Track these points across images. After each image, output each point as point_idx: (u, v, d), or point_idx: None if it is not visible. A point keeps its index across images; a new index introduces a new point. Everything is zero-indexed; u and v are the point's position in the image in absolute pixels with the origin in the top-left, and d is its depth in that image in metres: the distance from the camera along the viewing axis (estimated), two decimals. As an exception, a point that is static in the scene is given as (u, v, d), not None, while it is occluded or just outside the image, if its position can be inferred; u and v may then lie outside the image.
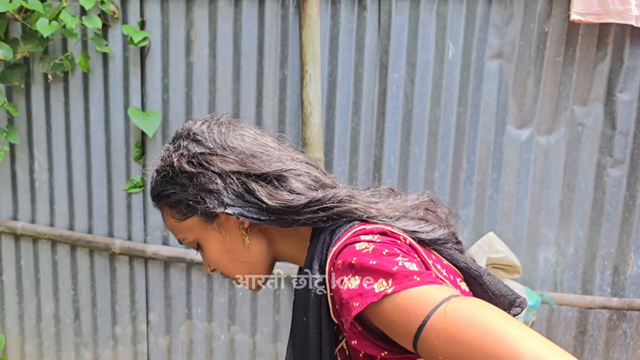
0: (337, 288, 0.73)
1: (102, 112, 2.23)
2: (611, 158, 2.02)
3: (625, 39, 1.95)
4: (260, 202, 0.83)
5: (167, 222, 0.91)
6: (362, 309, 0.68)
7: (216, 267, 0.91)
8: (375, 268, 0.70)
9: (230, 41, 2.12)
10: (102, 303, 2.36)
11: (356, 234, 0.77)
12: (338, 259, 0.75)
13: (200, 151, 0.85)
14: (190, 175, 0.85)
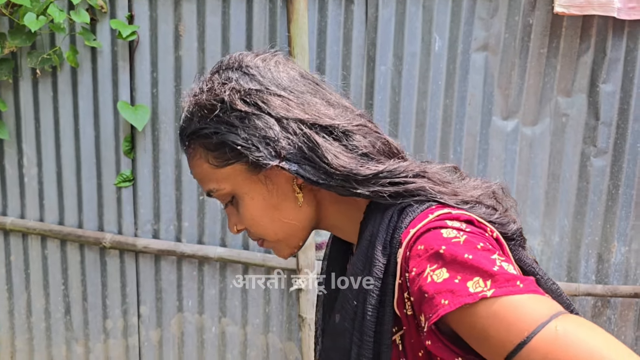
0: (414, 277, 0.64)
1: (91, 106, 2.24)
2: (595, 148, 2.06)
3: (607, 31, 1.99)
4: (324, 161, 0.71)
5: (197, 167, 0.76)
6: (452, 309, 0.59)
7: (250, 225, 0.78)
8: (471, 264, 0.61)
9: (218, 35, 2.13)
10: (93, 297, 2.37)
11: (440, 218, 0.68)
12: (418, 244, 0.65)
13: (256, 88, 0.72)
14: (243, 115, 0.72)
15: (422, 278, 0.62)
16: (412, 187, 0.71)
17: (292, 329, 2.26)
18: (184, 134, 0.77)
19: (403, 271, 0.66)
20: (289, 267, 2.16)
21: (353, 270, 0.73)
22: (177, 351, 2.36)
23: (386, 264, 0.69)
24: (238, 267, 2.24)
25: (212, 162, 0.74)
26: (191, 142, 0.75)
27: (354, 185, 0.71)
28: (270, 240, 0.79)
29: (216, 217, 2.23)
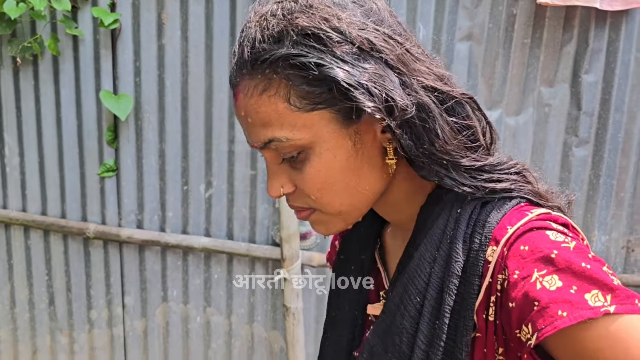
0: (517, 280, 0.56)
1: (73, 95, 2.21)
2: (577, 138, 2.07)
3: (590, 22, 1.99)
4: (431, 134, 0.61)
5: (264, 106, 0.60)
6: (572, 323, 0.52)
7: (316, 189, 0.63)
8: (589, 274, 0.53)
9: (202, 24, 2.11)
10: (77, 288, 2.36)
11: (542, 218, 0.60)
12: (520, 243, 0.58)
13: (375, 27, 0.60)
14: (357, 53, 0.58)
15: (529, 283, 0.55)
16: (508, 187, 0.63)
17: (276, 318, 2.27)
18: (258, 58, 0.59)
19: (497, 272, 0.58)
20: (273, 257, 2.16)
21: (417, 262, 0.64)
22: (162, 341, 2.36)
23: (465, 260, 0.61)
24: (222, 257, 2.24)
25: (295, 102, 0.59)
26: (269, 71, 0.59)
27: (449, 172, 0.63)
28: (328, 212, 0.65)
29: (200, 207, 2.22)
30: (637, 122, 2.03)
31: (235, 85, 0.63)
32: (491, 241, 0.60)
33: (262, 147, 0.63)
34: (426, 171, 0.63)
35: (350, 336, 0.77)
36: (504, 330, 0.59)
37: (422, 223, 0.67)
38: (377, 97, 0.58)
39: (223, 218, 2.22)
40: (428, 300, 0.62)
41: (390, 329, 0.65)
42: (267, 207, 2.18)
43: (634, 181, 2.08)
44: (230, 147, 2.16)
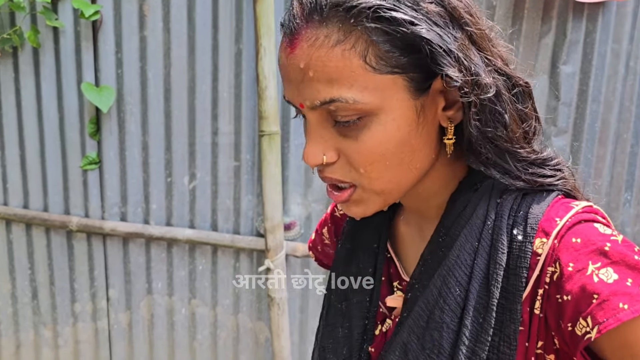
0: (572, 273, 0.55)
1: (54, 88, 2.20)
2: (555, 128, 2.11)
3: (568, 13, 2.03)
4: (498, 120, 0.59)
5: (335, 60, 0.55)
6: (635, 316, 0.51)
7: (370, 160, 0.59)
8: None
9: (184, 15, 2.10)
10: (60, 281, 2.35)
11: (587, 211, 0.60)
12: (571, 235, 0.57)
13: (443, 6, 0.57)
14: (448, 21, 0.57)
15: (586, 276, 0.54)
16: (554, 182, 0.63)
17: (261, 308, 2.28)
18: (341, 4, 0.54)
19: (547, 264, 0.57)
20: (258, 247, 2.18)
21: (457, 254, 0.62)
22: (147, 333, 2.36)
23: (508, 252, 0.60)
24: (207, 248, 2.25)
25: (371, 61, 0.55)
26: (351, 21, 0.54)
27: (506, 161, 0.61)
28: (372, 189, 0.61)
29: (184, 199, 2.23)
30: (613, 112, 2.08)
31: (295, 32, 0.57)
32: (538, 233, 0.59)
33: (318, 106, 0.57)
34: (480, 157, 0.61)
35: (362, 329, 0.73)
36: (547, 324, 0.59)
37: (454, 212, 0.65)
38: (465, 68, 0.56)
39: (207, 210, 2.23)
40: (472, 293, 0.60)
41: (428, 325, 0.61)
42: (251, 198, 2.19)
43: (610, 170, 2.13)
44: (214, 139, 2.16)
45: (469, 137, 0.61)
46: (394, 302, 0.72)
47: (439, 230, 0.66)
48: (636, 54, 2.04)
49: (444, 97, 0.60)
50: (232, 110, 2.14)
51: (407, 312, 0.66)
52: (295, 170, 2.16)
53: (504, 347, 0.58)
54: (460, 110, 0.61)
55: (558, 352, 0.59)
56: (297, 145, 2.14)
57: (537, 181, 0.62)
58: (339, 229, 0.90)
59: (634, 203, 2.15)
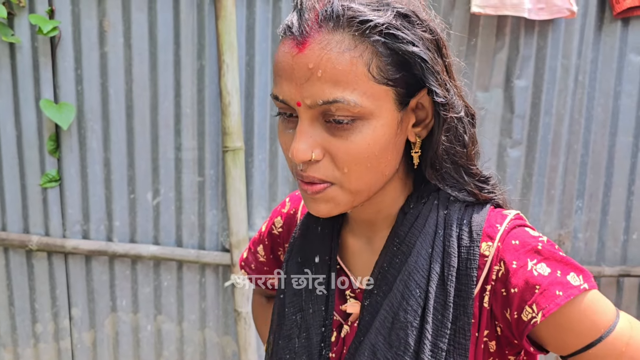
0: (517, 269, 0.65)
1: (12, 104, 2.15)
2: (510, 139, 2.19)
3: (520, 30, 2.12)
4: (459, 139, 0.69)
5: (344, 65, 0.61)
6: (567, 300, 0.62)
7: (357, 159, 0.65)
8: (566, 260, 0.65)
9: (145, 31, 2.10)
10: (20, 301, 2.30)
11: (518, 218, 0.71)
12: (511, 239, 0.67)
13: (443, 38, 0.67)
14: (437, 49, 0.66)
15: (527, 271, 0.64)
16: (493, 197, 0.72)
17: (228, 323, 2.29)
18: (356, 17, 0.61)
19: (493, 264, 0.67)
20: (223, 262, 2.18)
21: (415, 260, 0.69)
22: (112, 351, 2.33)
23: (457, 255, 0.68)
24: (172, 264, 2.24)
25: (373, 70, 0.62)
26: (362, 33, 0.61)
27: (462, 176, 0.71)
28: (349, 189, 0.67)
29: (148, 216, 2.21)
30: (564, 123, 2.17)
31: (306, 34, 0.62)
32: (483, 237, 0.68)
33: (319, 105, 0.62)
34: (439, 171, 0.70)
35: (320, 337, 0.77)
36: (492, 315, 0.68)
37: (406, 223, 0.72)
38: (445, 90, 0.65)
39: (172, 225, 2.22)
40: (430, 293, 0.68)
41: (394, 325, 0.68)
42: (215, 213, 2.20)
43: (563, 179, 2.22)
44: (177, 155, 2.16)
45: (433, 152, 0.69)
46: (352, 308, 0.77)
47: (393, 240, 0.72)
48: (584, 69, 2.14)
49: (415, 115, 0.69)
50: (195, 126, 2.14)
51: (369, 316, 0.72)
52: (260, 185, 2.17)
53: (459, 337, 0.67)
54: (425, 128, 0.70)
55: (499, 338, 0.69)
56: (260, 160, 2.16)
57: (481, 194, 0.72)
58: (277, 246, 0.95)
59: (585, 210, 2.25)
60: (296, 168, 0.67)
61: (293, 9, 0.66)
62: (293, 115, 0.67)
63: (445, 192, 0.72)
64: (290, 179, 2.18)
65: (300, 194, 0.93)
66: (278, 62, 0.66)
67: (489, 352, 0.70)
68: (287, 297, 0.82)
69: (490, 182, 0.74)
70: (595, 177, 2.23)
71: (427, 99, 0.67)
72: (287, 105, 0.65)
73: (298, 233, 0.84)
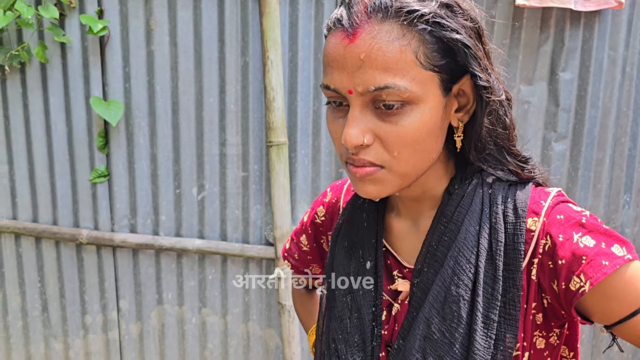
0: (563, 242, 0.68)
1: (62, 102, 2.22)
2: (555, 133, 2.17)
3: (565, 22, 2.09)
4: (502, 122, 0.72)
5: (394, 53, 0.64)
6: (614, 269, 0.65)
7: (405, 143, 0.67)
8: (610, 233, 0.68)
9: (190, 29, 2.14)
10: (71, 293, 2.37)
11: (561, 194, 0.74)
12: (556, 213, 0.70)
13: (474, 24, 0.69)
14: (477, 34, 0.69)
15: (573, 243, 0.67)
16: (534, 176, 0.75)
17: (271, 316, 2.32)
18: (404, 8, 0.65)
19: (540, 238, 0.69)
20: (267, 256, 2.21)
21: (464, 236, 0.72)
22: (158, 343, 2.39)
23: (504, 231, 0.71)
24: (217, 258, 2.28)
25: (421, 57, 0.65)
26: (410, 22, 0.64)
27: (504, 157, 0.74)
28: (398, 171, 0.69)
29: (193, 210, 2.26)
30: (611, 116, 2.13)
31: (357, 25, 0.65)
32: (529, 213, 0.71)
33: (371, 91, 0.65)
34: (482, 153, 0.73)
35: (372, 317, 0.80)
36: (540, 287, 0.71)
37: (452, 203, 0.75)
38: (487, 74, 0.69)
39: (216, 220, 2.26)
40: (480, 268, 0.71)
41: (446, 299, 0.71)
42: (259, 207, 2.23)
43: (609, 173, 2.19)
44: (222, 150, 2.20)
45: (477, 135, 0.72)
46: (402, 287, 0.80)
47: (440, 220, 0.76)
48: (632, 61, 2.10)
49: (457, 101, 0.72)
50: (239, 122, 2.18)
51: (420, 292, 0.75)
52: (302, 180, 2.20)
53: (510, 309, 0.70)
54: (467, 113, 0.73)
55: (545, 310, 0.72)
56: (303, 155, 2.18)
57: (523, 173, 0.75)
58: (320, 235, 0.99)
59: (633, 205, 2.21)
60: (347, 153, 0.70)
61: (340, 3, 0.69)
62: (343, 104, 0.70)
63: (488, 172, 0.75)
64: (333, 174, 2.19)
65: (340, 184, 0.97)
66: (329, 54, 0.69)
67: (536, 325, 0.72)
68: (336, 280, 0.85)
69: (530, 162, 0.77)
70: (643, 170, 2.18)
71: (469, 85, 0.71)
72: (338, 93, 0.68)
73: (343, 219, 0.88)
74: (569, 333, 0.77)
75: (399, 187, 0.71)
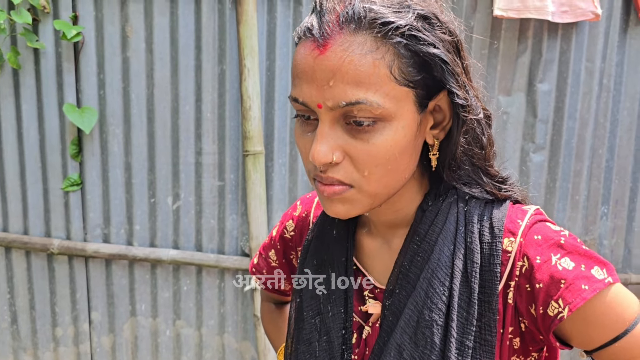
0: (540, 264, 0.64)
1: (35, 109, 2.18)
2: (533, 144, 2.16)
3: (543, 33, 2.09)
4: (482, 140, 0.69)
5: (366, 67, 0.60)
6: (594, 294, 0.62)
7: (376, 162, 0.63)
8: (589, 254, 0.65)
9: (167, 36, 2.11)
10: (41, 305, 2.31)
11: (538, 213, 0.70)
12: (533, 234, 0.66)
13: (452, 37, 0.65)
14: (455, 48, 0.65)
15: (552, 266, 0.63)
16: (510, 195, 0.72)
17: (247, 328, 2.27)
18: (377, 19, 0.60)
19: (517, 259, 0.66)
20: (243, 267, 2.17)
21: (437, 257, 0.68)
22: (131, 356, 2.33)
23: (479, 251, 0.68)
24: (192, 269, 2.24)
25: (395, 72, 0.61)
26: (383, 35, 0.60)
27: (480, 177, 0.71)
28: (367, 191, 0.65)
29: (168, 220, 2.21)
30: (589, 128, 2.14)
31: (328, 36, 0.61)
32: (505, 233, 0.68)
33: (342, 106, 0.61)
34: (456, 173, 0.70)
35: (341, 340, 0.76)
36: (517, 311, 0.67)
37: (426, 220, 0.71)
38: (465, 91, 0.65)
39: (191, 230, 2.22)
40: (455, 291, 0.67)
41: (419, 324, 0.67)
42: (235, 217, 2.19)
43: (587, 184, 2.18)
44: (198, 159, 2.17)
45: (452, 154, 0.69)
46: (373, 309, 0.76)
47: (413, 238, 0.72)
48: (609, 72, 2.11)
49: (433, 117, 0.68)
50: (215, 130, 2.14)
51: (392, 316, 0.71)
52: (279, 189, 2.17)
53: (485, 334, 0.66)
54: (442, 130, 0.69)
55: (523, 334, 0.68)
56: (280, 165, 2.16)
57: (500, 193, 0.71)
58: (289, 250, 0.94)
59: (611, 216, 2.21)
60: (315, 170, 0.66)
61: (311, 11, 0.65)
62: (311, 118, 0.66)
63: (463, 190, 0.72)
64: (310, 184, 2.17)
65: (311, 197, 0.93)
66: (298, 64, 0.64)
67: (514, 349, 0.69)
68: (304, 300, 0.81)
69: (508, 182, 0.73)
70: (620, 182, 2.18)
71: (445, 101, 0.67)
72: (307, 107, 0.64)
73: (312, 235, 0.83)
74: (548, 355, 0.74)
75: (370, 207, 0.68)
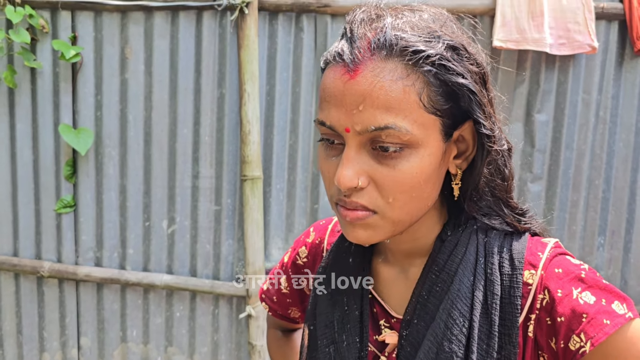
0: (562, 298, 0.64)
1: (30, 129, 2.15)
2: (531, 174, 2.17)
3: (541, 65, 2.12)
4: (500, 173, 0.69)
5: (400, 93, 0.61)
6: (615, 329, 0.61)
7: (396, 187, 0.63)
8: (610, 289, 0.65)
9: (166, 59, 2.10)
10: (29, 329, 2.25)
11: (558, 246, 0.71)
12: (554, 267, 0.66)
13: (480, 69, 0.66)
14: (482, 80, 0.66)
15: (573, 300, 0.63)
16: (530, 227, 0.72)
17: (241, 356, 2.23)
18: (409, 47, 0.61)
19: (538, 292, 0.66)
20: (238, 294, 2.14)
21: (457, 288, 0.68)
22: (120, 383, 2.27)
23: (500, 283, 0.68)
24: (185, 294, 2.19)
25: (424, 100, 0.61)
26: (415, 63, 0.61)
27: (501, 208, 0.71)
28: (390, 218, 0.65)
29: (162, 244, 2.18)
30: (585, 159, 2.15)
31: (358, 62, 0.62)
32: (526, 265, 0.67)
33: (371, 131, 0.61)
34: (478, 203, 0.70)
35: None
36: (537, 344, 0.67)
37: (445, 250, 0.71)
38: (491, 122, 0.66)
39: (186, 254, 2.18)
40: (475, 322, 0.66)
41: (438, 356, 0.66)
42: (231, 242, 2.16)
43: (584, 215, 2.19)
44: (194, 183, 2.14)
45: (474, 184, 0.69)
46: (390, 338, 0.74)
47: (431, 268, 0.71)
48: (605, 104, 2.13)
49: (456, 147, 0.68)
50: (213, 154, 2.13)
51: (410, 347, 0.70)
52: (277, 215, 2.14)
53: None
54: (465, 160, 0.69)
55: None
56: (278, 190, 2.14)
57: (520, 225, 0.72)
58: (301, 277, 0.92)
59: (607, 247, 2.21)
60: (338, 194, 0.66)
61: (341, 37, 0.66)
62: (336, 142, 0.66)
63: (483, 221, 0.71)
64: (308, 210, 2.15)
65: (324, 224, 0.92)
66: (327, 88, 0.64)
67: None
68: (318, 329, 0.79)
69: (527, 214, 0.73)
70: (617, 213, 2.19)
71: (470, 131, 0.67)
72: (334, 131, 0.64)
73: (327, 263, 0.82)
74: None
75: (391, 234, 0.67)
